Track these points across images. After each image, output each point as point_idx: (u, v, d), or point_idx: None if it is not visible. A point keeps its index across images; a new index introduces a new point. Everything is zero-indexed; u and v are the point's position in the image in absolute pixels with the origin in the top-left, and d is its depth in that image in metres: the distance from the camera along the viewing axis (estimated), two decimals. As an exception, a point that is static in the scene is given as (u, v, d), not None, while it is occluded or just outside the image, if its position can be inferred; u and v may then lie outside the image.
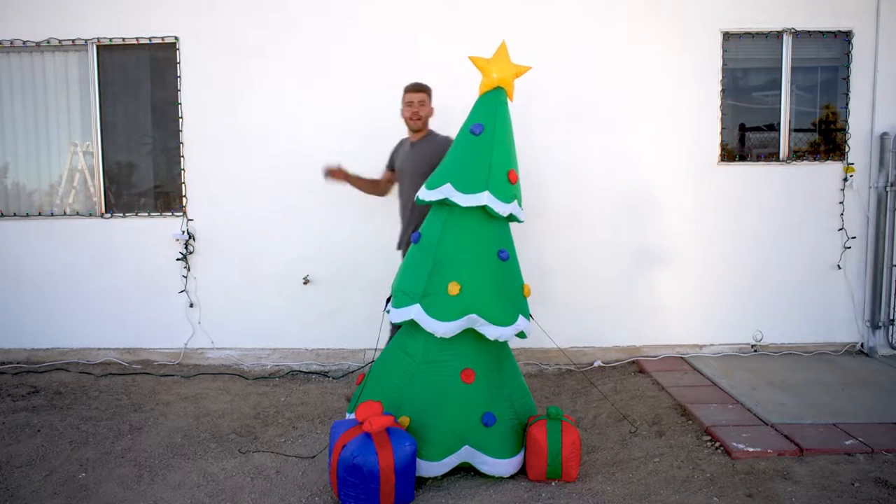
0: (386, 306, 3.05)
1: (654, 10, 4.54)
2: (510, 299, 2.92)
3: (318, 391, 4.18)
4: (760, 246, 4.69)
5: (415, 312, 2.85)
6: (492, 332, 2.83)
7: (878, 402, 3.71)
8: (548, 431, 2.82)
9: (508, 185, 2.90)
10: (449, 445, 2.83)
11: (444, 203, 2.93)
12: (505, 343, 3.03)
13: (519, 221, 3.02)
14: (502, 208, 2.87)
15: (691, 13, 4.55)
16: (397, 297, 2.97)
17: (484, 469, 2.88)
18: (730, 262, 4.69)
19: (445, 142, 3.60)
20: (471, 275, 2.85)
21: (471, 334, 2.88)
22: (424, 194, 2.99)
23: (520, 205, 2.99)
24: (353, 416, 2.89)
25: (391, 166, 3.91)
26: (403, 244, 3.74)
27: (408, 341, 2.98)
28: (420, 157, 3.63)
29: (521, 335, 2.95)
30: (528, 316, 3.00)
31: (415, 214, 3.61)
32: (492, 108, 2.95)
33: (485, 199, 2.83)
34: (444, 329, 2.79)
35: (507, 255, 2.92)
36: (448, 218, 2.92)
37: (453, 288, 2.80)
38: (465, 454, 2.87)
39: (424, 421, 2.81)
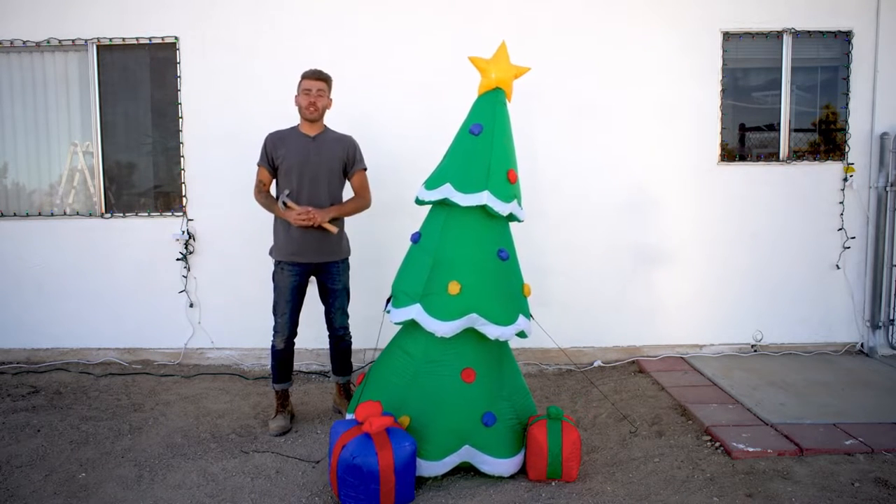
0: (386, 306, 3.05)
1: (654, 10, 4.54)
2: (510, 299, 2.92)
3: (318, 391, 4.19)
4: (760, 246, 4.69)
5: (415, 312, 2.85)
6: (492, 331, 2.83)
7: (878, 402, 3.71)
8: (548, 431, 2.82)
9: (508, 185, 2.90)
10: (449, 445, 2.83)
11: (444, 203, 2.93)
12: (505, 343, 3.03)
13: (519, 221, 3.02)
14: (502, 208, 2.87)
15: (691, 13, 4.55)
16: (397, 298, 2.97)
17: (484, 469, 2.88)
18: (729, 262, 4.69)
19: (354, 142, 3.60)
20: (471, 274, 2.85)
21: (471, 334, 2.88)
22: (424, 194, 2.99)
23: (520, 204, 2.99)
24: (353, 416, 2.89)
25: (272, 162, 3.46)
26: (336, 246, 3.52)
27: (408, 341, 2.98)
28: (332, 153, 3.48)
29: (522, 335, 2.95)
30: (528, 315, 3.00)
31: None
32: (490, 108, 2.95)
33: (484, 198, 2.83)
34: (444, 329, 2.79)
35: (507, 255, 2.92)
36: (448, 218, 2.92)
37: (453, 287, 2.80)
38: (466, 454, 2.87)
39: (425, 420, 2.81)
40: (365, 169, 3.62)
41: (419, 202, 3.03)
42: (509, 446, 2.88)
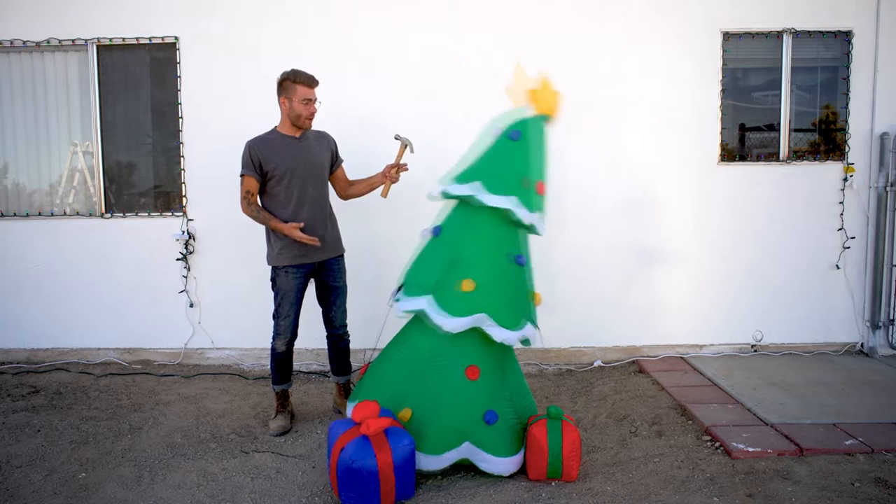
0: (394, 296, 3.03)
1: (653, 9, 4.54)
2: (520, 305, 2.94)
3: (317, 391, 4.19)
4: (760, 246, 4.69)
5: (425, 303, 2.86)
6: (498, 334, 2.84)
7: (878, 402, 3.71)
8: (548, 431, 2.83)
9: (536, 196, 2.93)
10: (450, 440, 2.83)
11: (468, 201, 2.93)
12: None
13: (538, 234, 3.02)
14: (527, 216, 2.88)
15: (691, 13, 4.55)
16: (409, 287, 2.97)
17: (483, 466, 2.88)
18: (729, 262, 4.69)
19: (332, 136, 3.60)
20: (486, 275, 2.87)
21: (477, 332, 2.89)
22: (453, 188, 2.96)
23: (542, 217, 2.99)
24: (353, 406, 2.91)
25: (261, 171, 3.34)
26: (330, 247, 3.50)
27: (414, 334, 2.99)
28: (320, 151, 3.48)
29: (526, 342, 2.96)
30: (535, 324, 3.01)
31: (332, 213, 3.56)
32: (534, 125, 2.98)
33: (512, 203, 2.84)
34: (451, 324, 2.80)
35: (524, 261, 2.95)
36: (471, 216, 2.93)
37: (468, 285, 2.82)
38: (466, 451, 2.88)
39: (426, 414, 2.82)
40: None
41: (446, 196, 3.00)
42: (509, 445, 2.89)
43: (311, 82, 3.35)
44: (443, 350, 2.89)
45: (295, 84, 3.33)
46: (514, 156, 2.91)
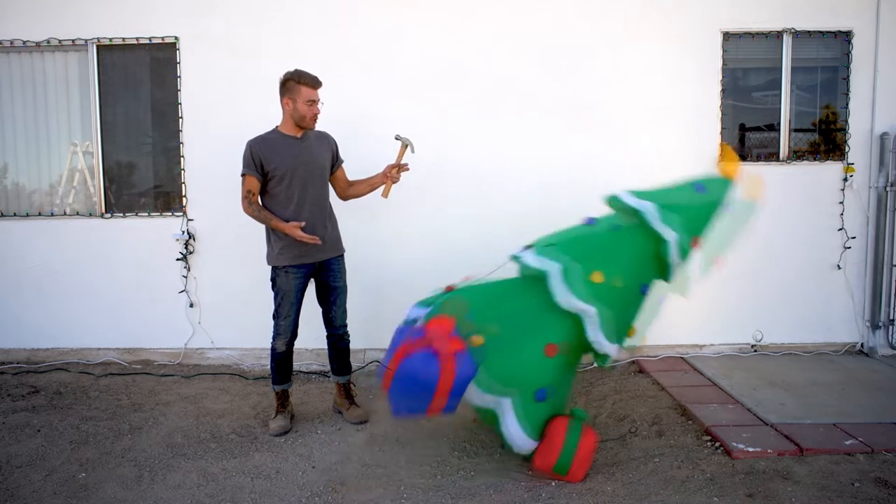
0: (530, 251, 3.06)
1: (653, 9, 4.53)
2: (625, 328, 3.03)
3: (318, 391, 4.19)
4: (760, 246, 4.67)
5: (573, 267, 2.91)
6: (597, 336, 2.88)
7: (878, 402, 3.71)
8: (568, 427, 2.86)
9: (690, 246, 3.08)
10: (498, 387, 2.84)
11: (631, 215, 3.07)
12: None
13: (666, 279, 3.13)
14: (675, 258, 3.02)
15: (691, 13, 4.54)
16: (561, 247, 3.03)
17: (508, 428, 2.85)
18: (729, 262, 4.67)
19: (332, 137, 3.63)
20: (624, 284, 2.96)
21: (576, 321, 2.91)
22: (633, 201, 3.10)
23: (682, 268, 3.12)
24: (421, 309, 2.98)
25: (262, 170, 3.35)
26: (330, 246, 3.51)
27: (522, 288, 3.03)
28: (321, 151, 3.48)
29: (605, 359, 3.00)
30: (621, 348, 3.07)
31: (332, 213, 3.58)
32: (734, 198, 3.21)
33: (673, 239, 2.98)
34: (569, 300, 2.85)
35: (646, 291, 3.09)
36: (634, 230, 3.06)
37: (617, 281, 2.92)
38: (500, 406, 2.86)
39: (494, 352, 2.83)
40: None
41: (620, 205, 3.16)
42: (537, 429, 2.89)
43: (315, 83, 3.38)
44: (541, 314, 2.92)
45: (299, 85, 3.34)
46: (701, 206, 3.13)
